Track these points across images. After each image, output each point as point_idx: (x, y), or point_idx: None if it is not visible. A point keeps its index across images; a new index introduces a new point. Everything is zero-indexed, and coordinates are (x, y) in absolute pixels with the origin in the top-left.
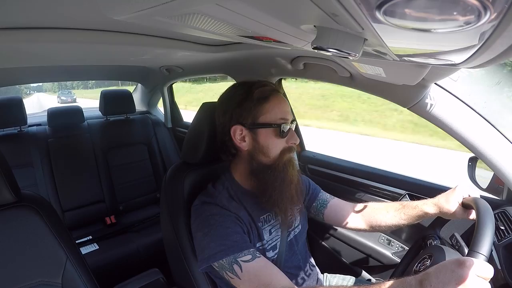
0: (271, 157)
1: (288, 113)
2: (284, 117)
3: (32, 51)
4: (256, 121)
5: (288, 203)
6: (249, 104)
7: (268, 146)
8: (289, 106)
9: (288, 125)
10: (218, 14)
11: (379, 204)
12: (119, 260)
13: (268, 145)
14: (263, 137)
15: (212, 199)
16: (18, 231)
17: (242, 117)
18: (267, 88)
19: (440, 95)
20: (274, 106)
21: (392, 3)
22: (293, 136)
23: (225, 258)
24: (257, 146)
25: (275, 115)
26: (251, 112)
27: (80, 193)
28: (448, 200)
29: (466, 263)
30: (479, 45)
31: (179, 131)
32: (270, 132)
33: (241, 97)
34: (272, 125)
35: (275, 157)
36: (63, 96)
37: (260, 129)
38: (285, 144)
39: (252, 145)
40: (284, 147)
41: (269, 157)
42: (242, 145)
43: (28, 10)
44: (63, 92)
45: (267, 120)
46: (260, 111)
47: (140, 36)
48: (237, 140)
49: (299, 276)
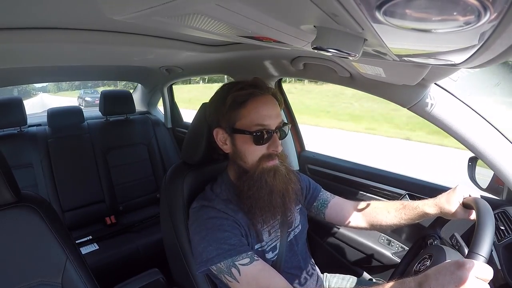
0: (249, 163)
1: (269, 117)
2: (261, 123)
3: (32, 51)
4: (233, 126)
5: (268, 213)
6: (223, 109)
7: (244, 152)
8: (273, 109)
9: (270, 130)
10: (218, 14)
11: (380, 203)
12: (119, 260)
13: (244, 151)
14: (240, 143)
15: (210, 203)
16: (18, 231)
17: (220, 121)
18: (243, 93)
19: (440, 95)
20: (251, 111)
21: (392, 4)
22: (274, 143)
23: (223, 262)
24: (236, 150)
25: (251, 121)
26: (225, 116)
27: (80, 193)
28: (449, 200)
29: (466, 265)
30: (479, 45)
31: (179, 131)
32: (247, 138)
33: (219, 101)
34: (245, 132)
35: (253, 164)
36: (88, 97)
37: (237, 134)
38: (265, 150)
39: (232, 149)
40: (264, 154)
41: (247, 162)
42: (224, 148)
43: (28, 10)
44: (86, 92)
45: (242, 126)
46: (235, 117)
47: (140, 36)
48: (219, 142)
49: (301, 276)
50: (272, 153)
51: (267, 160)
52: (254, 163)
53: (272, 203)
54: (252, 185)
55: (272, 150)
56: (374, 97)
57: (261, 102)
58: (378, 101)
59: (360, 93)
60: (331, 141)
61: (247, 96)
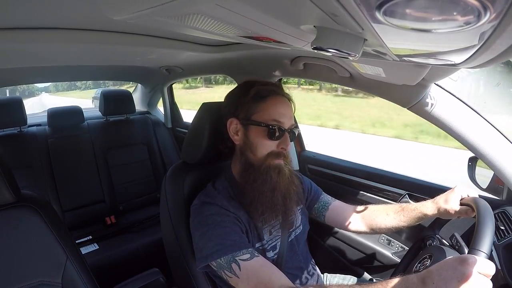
0: (257, 156)
1: (284, 116)
2: (277, 119)
3: (32, 51)
4: (250, 117)
5: (268, 209)
6: (245, 100)
7: (256, 144)
8: (289, 110)
9: (282, 128)
10: (218, 14)
11: (379, 207)
12: (119, 260)
13: (256, 144)
14: (253, 135)
15: (211, 199)
16: (18, 231)
17: (237, 111)
18: (267, 88)
19: (440, 95)
20: (270, 106)
21: (392, 3)
22: (285, 141)
23: (223, 257)
24: (247, 142)
25: (269, 115)
26: (245, 107)
27: (80, 193)
28: (447, 200)
29: (468, 260)
30: (479, 45)
31: (179, 131)
32: (261, 131)
33: (241, 92)
34: (261, 124)
35: (261, 158)
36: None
37: (252, 125)
38: (275, 147)
39: (243, 140)
40: (273, 150)
41: (255, 155)
42: (234, 139)
43: (28, 10)
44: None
45: (259, 119)
46: (255, 109)
47: (140, 36)
48: (231, 132)
49: (302, 276)
50: (281, 151)
51: (274, 157)
52: (262, 157)
53: (273, 200)
54: (257, 177)
55: (282, 148)
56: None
57: (280, 101)
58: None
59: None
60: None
61: (270, 92)
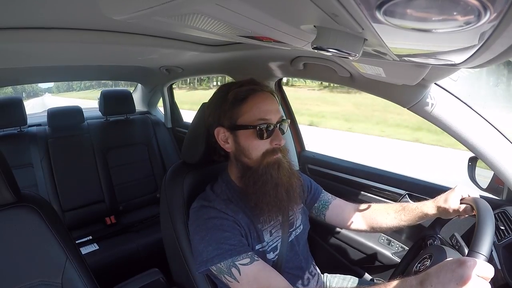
0: (253, 158)
1: (269, 112)
2: (263, 117)
3: (33, 51)
4: (235, 122)
5: (274, 206)
6: (225, 106)
7: (248, 148)
8: (273, 104)
9: (271, 125)
10: (218, 14)
11: (380, 206)
12: (119, 260)
13: (248, 147)
14: (243, 139)
15: (210, 203)
16: (18, 231)
17: (221, 119)
18: (244, 89)
19: (440, 95)
20: (252, 107)
21: (392, 3)
22: (277, 136)
23: (223, 262)
24: (239, 147)
25: (253, 116)
26: (227, 114)
27: (80, 193)
28: (448, 200)
29: (467, 263)
30: (479, 45)
31: (179, 131)
32: (250, 133)
33: (220, 99)
34: (249, 127)
35: (257, 159)
36: None
37: (239, 130)
38: (269, 145)
39: (235, 147)
40: (267, 149)
41: (251, 158)
42: (226, 147)
43: (28, 10)
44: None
45: (245, 122)
46: (237, 113)
47: (140, 36)
48: (221, 141)
49: (303, 277)
50: (276, 147)
51: (271, 154)
52: (258, 158)
53: (278, 197)
54: (257, 180)
55: (276, 144)
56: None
57: (261, 98)
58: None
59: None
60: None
61: (248, 92)
